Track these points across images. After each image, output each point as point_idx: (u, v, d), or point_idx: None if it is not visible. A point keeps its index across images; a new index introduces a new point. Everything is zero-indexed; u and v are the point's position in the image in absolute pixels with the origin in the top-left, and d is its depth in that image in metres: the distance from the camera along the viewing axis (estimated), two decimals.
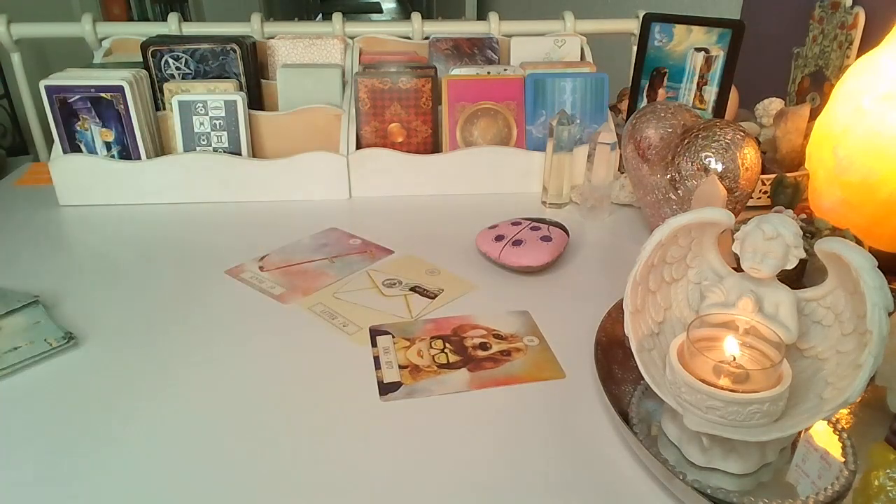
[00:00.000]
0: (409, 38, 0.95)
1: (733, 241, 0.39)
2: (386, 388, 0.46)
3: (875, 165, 0.57)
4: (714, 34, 0.76)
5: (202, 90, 0.78)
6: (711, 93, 0.77)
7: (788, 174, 0.72)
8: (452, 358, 0.49)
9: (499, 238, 0.63)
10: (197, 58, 0.80)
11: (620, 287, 0.41)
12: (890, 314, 0.33)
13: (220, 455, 0.40)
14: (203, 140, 0.78)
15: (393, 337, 0.52)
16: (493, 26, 0.93)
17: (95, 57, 0.88)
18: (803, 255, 0.37)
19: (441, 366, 0.48)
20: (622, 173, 0.78)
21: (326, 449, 0.40)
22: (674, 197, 0.64)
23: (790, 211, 0.59)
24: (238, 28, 0.93)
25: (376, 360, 0.49)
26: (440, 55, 0.89)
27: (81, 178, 0.76)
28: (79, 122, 0.75)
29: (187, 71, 0.81)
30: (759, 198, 0.75)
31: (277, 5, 4.87)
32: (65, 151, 0.76)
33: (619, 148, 0.74)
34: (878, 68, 0.58)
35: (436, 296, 0.58)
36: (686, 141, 0.62)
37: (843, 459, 0.38)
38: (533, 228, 0.64)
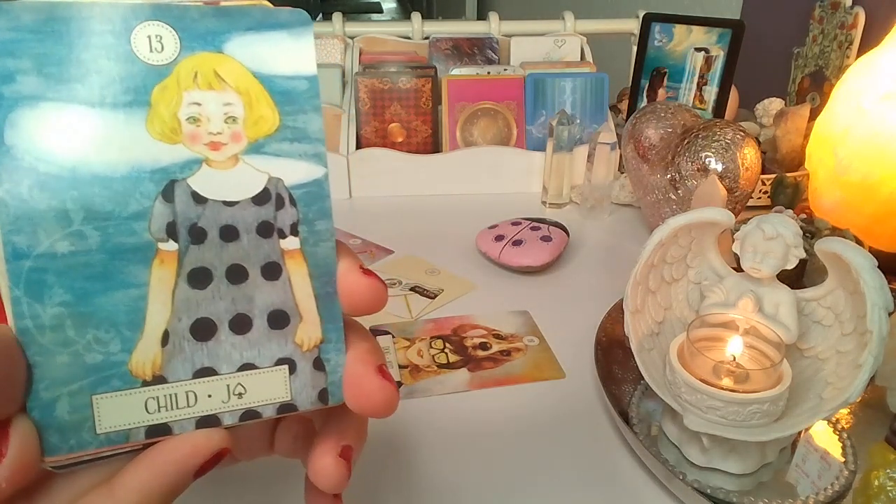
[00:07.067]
0: (409, 38, 0.95)
1: (733, 241, 0.39)
2: None
3: (875, 165, 0.57)
4: (714, 34, 0.76)
5: None
6: (711, 93, 0.77)
7: (788, 174, 0.72)
8: (452, 358, 0.49)
9: (499, 238, 0.63)
10: None
11: (620, 287, 0.41)
12: (890, 314, 0.33)
13: None
14: None
15: (393, 337, 0.52)
16: (493, 26, 0.93)
17: None
18: (803, 255, 0.37)
19: (441, 366, 0.48)
20: (622, 173, 0.78)
21: None
22: (674, 197, 0.64)
23: (790, 211, 0.59)
24: None
25: None
26: (440, 55, 0.89)
27: None
28: None
29: None
30: (759, 198, 0.75)
31: (277, 5, 4.87)
32: None
33: (619, 148, 0.74)
34: (878, 68, 0.58)
35: (436, 296, 0.58)
36: (686, 141, 0.62)
37: (843, 459, 0.38)
38: (533, 228, 0.64)
